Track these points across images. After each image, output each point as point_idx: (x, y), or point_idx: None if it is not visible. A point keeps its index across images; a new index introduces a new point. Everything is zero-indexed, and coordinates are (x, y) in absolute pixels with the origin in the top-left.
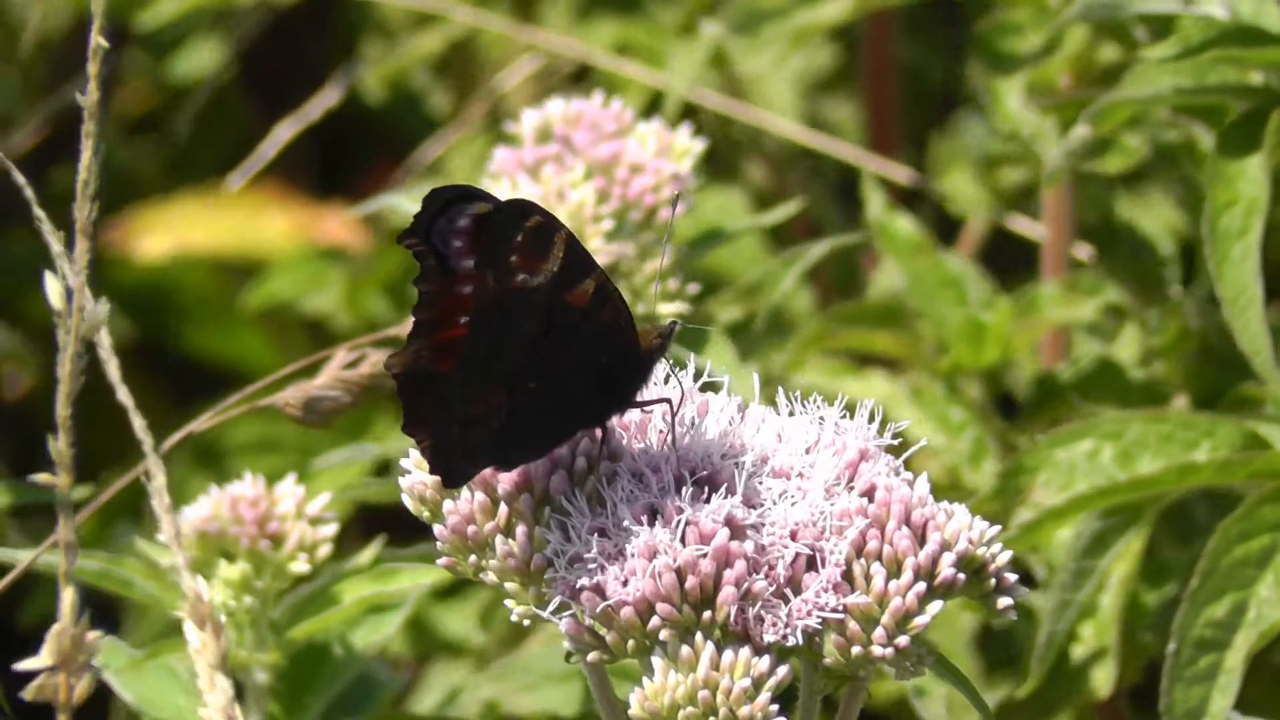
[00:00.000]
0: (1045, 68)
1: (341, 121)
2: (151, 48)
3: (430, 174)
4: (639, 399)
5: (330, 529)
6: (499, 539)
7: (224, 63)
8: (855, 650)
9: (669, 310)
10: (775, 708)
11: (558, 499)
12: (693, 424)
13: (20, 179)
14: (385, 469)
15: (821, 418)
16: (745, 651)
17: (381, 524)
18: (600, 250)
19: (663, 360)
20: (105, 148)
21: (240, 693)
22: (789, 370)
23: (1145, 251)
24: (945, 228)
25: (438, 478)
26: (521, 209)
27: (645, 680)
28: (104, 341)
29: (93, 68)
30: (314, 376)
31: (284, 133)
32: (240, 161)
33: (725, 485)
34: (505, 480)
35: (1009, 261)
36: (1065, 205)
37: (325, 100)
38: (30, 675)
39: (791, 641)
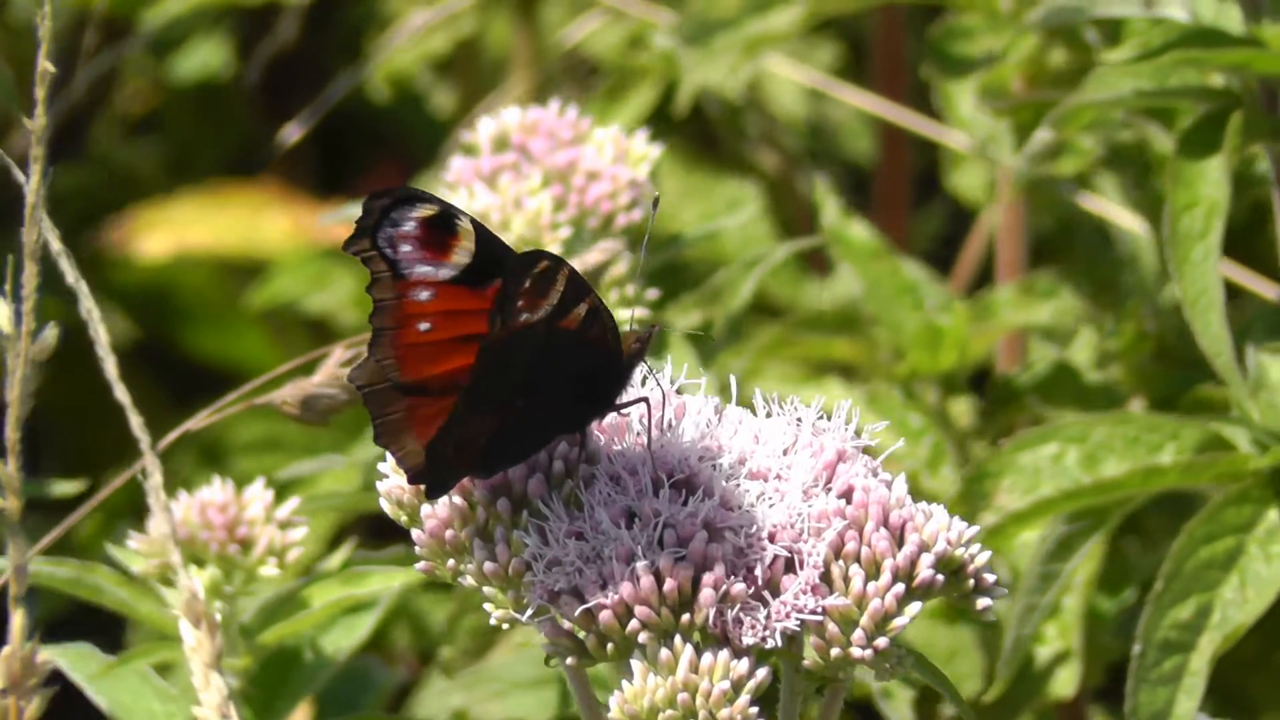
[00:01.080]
0: (998, 71)
1: (343, 121)
2: (153, 47)
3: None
4: (618, 403)
5: (300, 532)
6: (477, 543)
7: (226, 62)
8: (834, 652)
9: (627, 316)
10: (755, 710)
11: (535, 503)
12: (670, 426)
13: (21, 178)
14: None
15: (799, 419)
16: (724, 654)
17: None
18: (592, 249)
19: (641, 364)
20: (105, 148)
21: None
22: (746, 378)
23: (1100, 254)
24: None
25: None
26: (530, 261)
27: (625, 683)
28: (101, 339)
29: (40, 92)
30: (311, 374)
31: (294, 133)
32: (242, 161)
33: (703, 487)
34: (482, 484)
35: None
36: (1020, 209)
37: (330, 98)
38: None
39: (770, 644)
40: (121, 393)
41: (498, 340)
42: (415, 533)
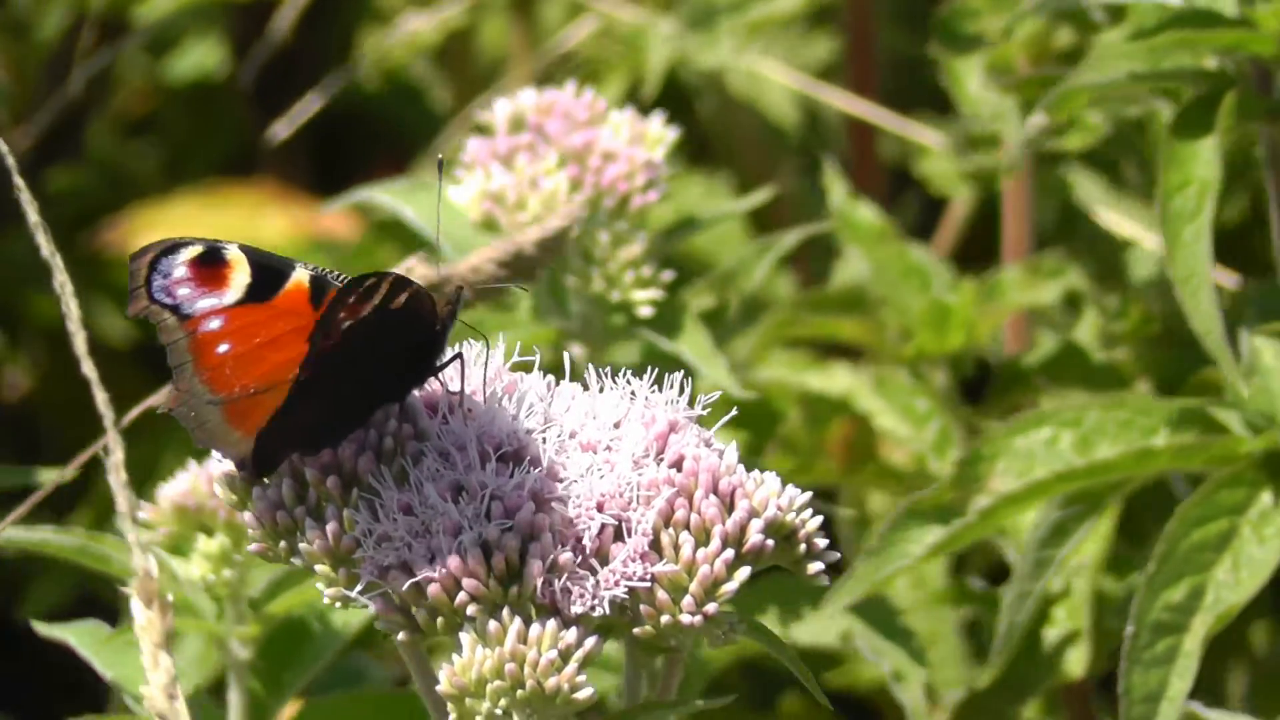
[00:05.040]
0: (1003, 50)
1: (340, 119)
2: (149, 47)
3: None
4: (436, 368)
5: None
6: (308, 522)
7: (221, 62)
8: (664, 619)
9: (643, 297)
10: (583, 678)
11: (365, 479)
12: (500, 402)
13: (19, 182)
14: None
15: (633, 392)
16: (552, 624)
17: None
18: (557, 214)
19: (453, 325)
20: (103, 148)
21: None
22: (752, 362)
23: (1105, 235)
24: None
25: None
26: (353, 285)
27: (454, 656)
28: (72, 314)
29: None
30: None
31: (287, 128)
32: (238, 161)
33: (530, 460)
34: (312, 463)
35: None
36: (1025, 190)
37: (318, 98)
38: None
39: (599, 612)
40: (89, 369)
41: (324, 349)
42: (246, 515)
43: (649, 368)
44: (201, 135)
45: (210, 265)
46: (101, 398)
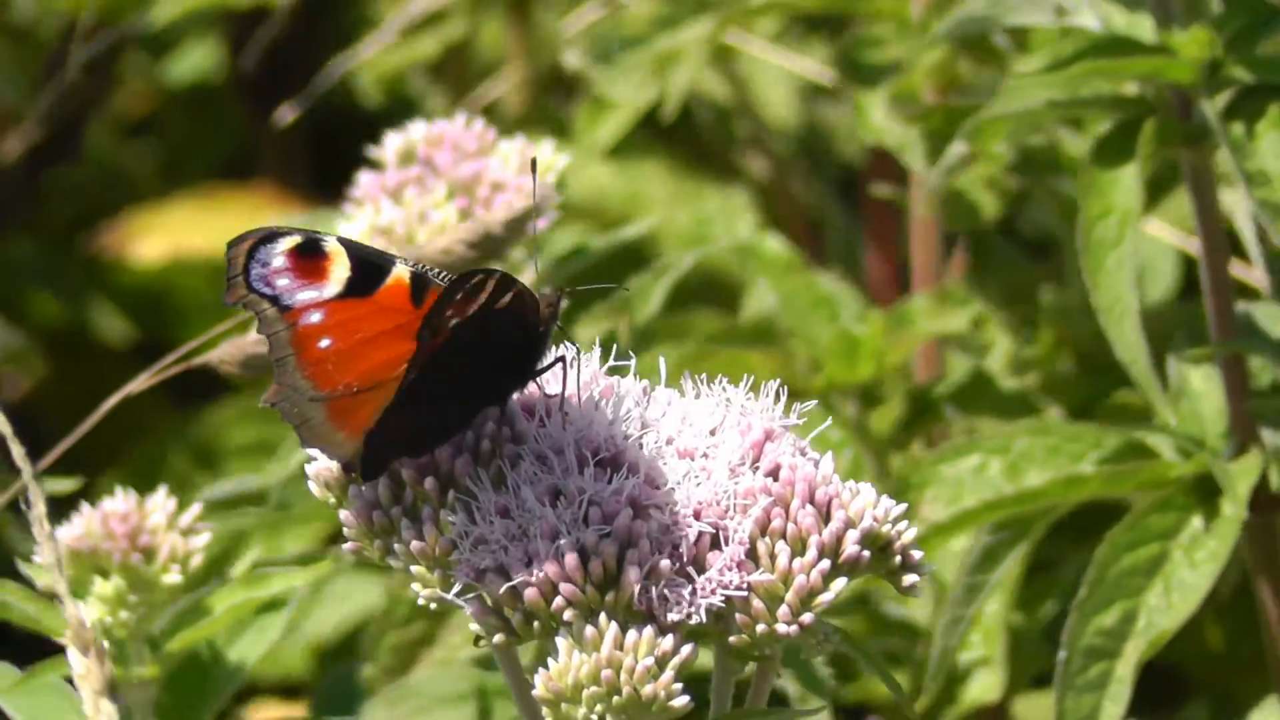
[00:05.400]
0: (908, 79)
1: (338, 123)
2: (149, 48)
3: None
4: (537, 370)
5: (203, 539)
6: (404, 523)
7: (219, 65)
8: (760, 628)
9: None
10: (679, 686)
11: (462, 481)
12: (597, 406)
13: None
14: None
15: (728, 399)
16: (649, 630)
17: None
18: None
19: (555, 326)
20: (102, 149)
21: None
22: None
23: (1014, 262)
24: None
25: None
26: (461, 281)
27: (550, 661)
28: None
29: None
30: (247, 333)
31: (286, 116)
32: (236, 164)
33: (628, 466)
34: (410, 464)
35: None
36: (933, 217)
37: (312, 94)
38: None
39: (695, 620)
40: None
41: (431, 348)
42: (343, 514)
43: None
44: (200, 137)
45: (309, 256)
46: (18, 451)
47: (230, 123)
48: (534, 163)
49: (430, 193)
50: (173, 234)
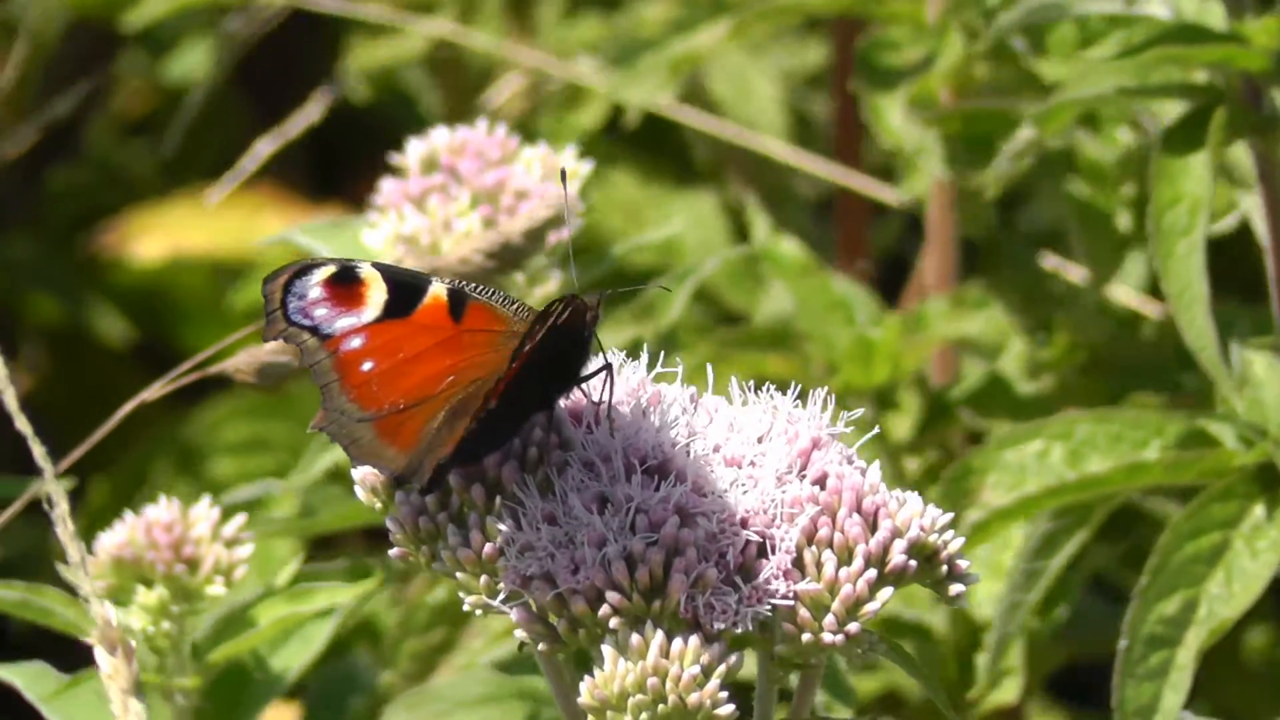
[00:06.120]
0: (925, 82)
1: (336, 123)
2: (149, 48)
3: None
4: (582, 375)
5: (246, 550)
6: (451, 528)
7: (217, 65)
8: (805, 637)
9: None
10: (725, 694)
11: (509, 488)
12: (644, 414)
13: None
14: None
15: (775, 407)
16: (695, 639)
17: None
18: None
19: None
20: (102, 149)
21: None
22: None
23: (1030, 264)
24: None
25: None
26: (547, 312)
27: (595, 669)
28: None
29: None
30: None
31: (264, 148)
32: (234, 164)
33: (675, 473)
34: (457, 469)
35: None
36: (949, 221)
37: (309, 114)
38: None
39: (741, 629)
40: (23, 423)
41: (510, 374)
42: (389, 520)
43: None
44: (199, 137)
45: (345, 284)
46: (40, 451)
47: (230, 123)
48: (564, 173)
49: (454, 201)
50: (172, 234)
